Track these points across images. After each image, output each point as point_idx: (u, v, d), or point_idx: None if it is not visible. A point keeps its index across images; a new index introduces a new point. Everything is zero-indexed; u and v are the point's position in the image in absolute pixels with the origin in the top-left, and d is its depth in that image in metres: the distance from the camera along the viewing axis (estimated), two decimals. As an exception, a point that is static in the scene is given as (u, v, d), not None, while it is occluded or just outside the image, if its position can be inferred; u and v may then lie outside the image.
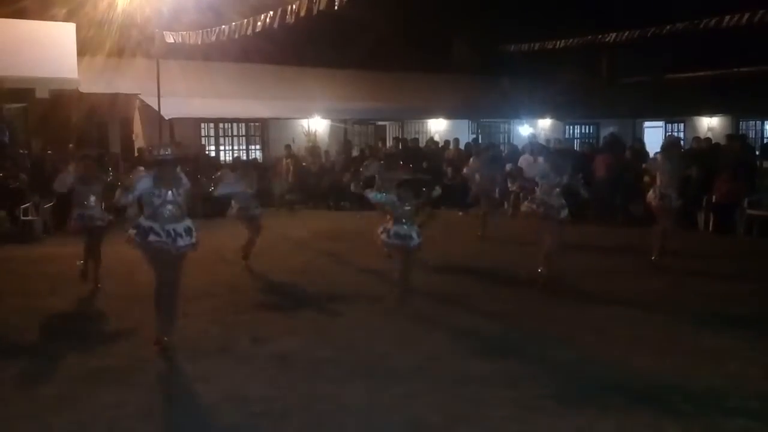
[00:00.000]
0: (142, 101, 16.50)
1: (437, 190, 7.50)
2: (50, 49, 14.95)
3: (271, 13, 11.47)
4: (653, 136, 22.22)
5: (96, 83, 15.49)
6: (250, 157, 18.16)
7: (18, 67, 14.39)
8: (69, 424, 4.48)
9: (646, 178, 9.79)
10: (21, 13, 14.62)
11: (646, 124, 23.49)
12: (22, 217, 11.66)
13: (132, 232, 5.74)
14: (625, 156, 13.97)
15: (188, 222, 5.84)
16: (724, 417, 4.54)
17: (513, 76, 21.73)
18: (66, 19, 15.14)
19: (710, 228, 12.07)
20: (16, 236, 11.46)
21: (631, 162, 13.63)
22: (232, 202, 9.08)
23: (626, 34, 15.48)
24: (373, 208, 9.14)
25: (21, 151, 13.84)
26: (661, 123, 23.48)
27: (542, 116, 21.64)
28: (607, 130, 21.07)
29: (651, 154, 14.71)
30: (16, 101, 15.23)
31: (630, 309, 7.13)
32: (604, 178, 13.31)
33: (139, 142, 16.90)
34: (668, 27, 14.11)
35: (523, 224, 9.65)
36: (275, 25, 11.40)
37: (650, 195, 8.94)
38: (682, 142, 19.54)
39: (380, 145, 18.23)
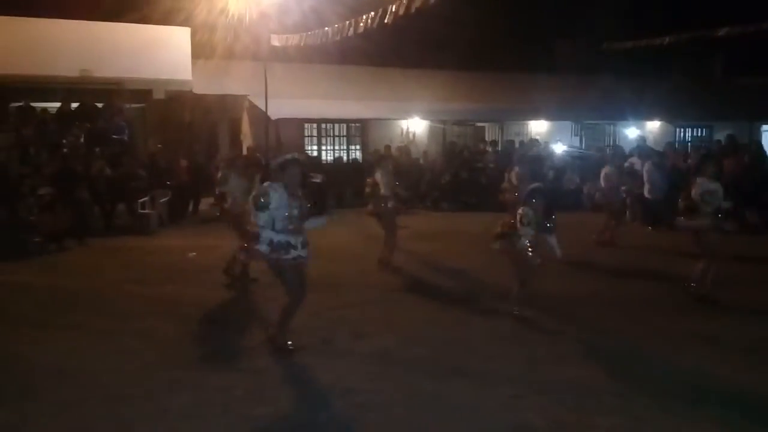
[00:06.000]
0: (250, 102, 17.16)
1: None
2: (167, 53, 15.88)
3: (372, 14, 11.63)
4: (772, 139, 20.90)
5: (208, 85, 16.27)
6: (351, 158, 18.50)
7: (138, 70, 15.40)
8: (184, 406, 4.73)
9: None
10: (142, 20, 15.57)
11: (765, 127, 22.07)
12: (140, 211, 12.40)
13: (264, 248, 5.42)
14: (744, 160, 13.18)
15: (305, 235, 5.65)
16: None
17: (618, 76, 20.95)
18: (181, 24, 15.99)
19: None
20: (133, 228, 12.19)
21: (750, 167, 12.85)
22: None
23: (742, 29, 14.46)
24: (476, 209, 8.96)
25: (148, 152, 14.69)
26: (781, 126, 22.02)
27: (650, 118, 20.76)
28: (720, 134, 19.95)
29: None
30: (136, 102, 16.22)
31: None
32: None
33: (246, 141, 17.58)
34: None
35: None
36: (374, 26, 11.54)
37: None
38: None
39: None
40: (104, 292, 7.94)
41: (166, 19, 15.52)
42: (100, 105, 15.36)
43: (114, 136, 14.48)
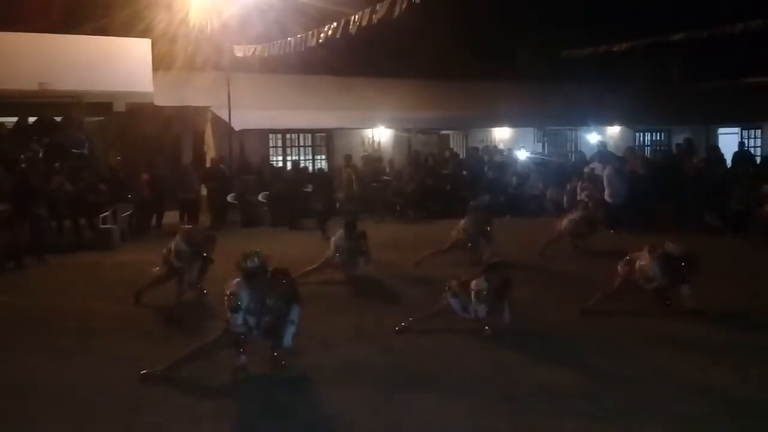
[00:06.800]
0: (213, 113, 17.01)
1: None
2: (127, 65, 15.65)
3: (335, 24, 11.66)
4: (728, 142, 21.43)
5: (169, 97, 16.07)
6: (317, 167, 18.39)
7: (97, 82, 15.13)
8: (149, 424, 4.65)
9: None
10: (101, 31, 15.33)
11: (721, 130, 22.66)
12: (101, 225, 12.18)
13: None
14: (700, 163, 13.49)
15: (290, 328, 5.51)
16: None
17: (579, 82, 21.33)
18: (141, 35, 15.79)
19: None
20: (95, 243, 11.96)
21: (707, 170, 13.16)
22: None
23: (698, 34, 14.74)
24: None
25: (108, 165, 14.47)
26: (736, 129, 22.61)
27: (610, 123, 21.16)
28: (678, 137, 20.43)
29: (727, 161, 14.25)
30: (96, 115, 15.95)
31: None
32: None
33: (210, 153, 17.41)
34: (742, 25, 13.34)
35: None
36: (338, 36, 11.57)
37: None
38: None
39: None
40: (65, 310, 7.78)
41: (125, 30, 15.31)
42: (58, 119, 15.07)
43: (73, 151, 14.20)
